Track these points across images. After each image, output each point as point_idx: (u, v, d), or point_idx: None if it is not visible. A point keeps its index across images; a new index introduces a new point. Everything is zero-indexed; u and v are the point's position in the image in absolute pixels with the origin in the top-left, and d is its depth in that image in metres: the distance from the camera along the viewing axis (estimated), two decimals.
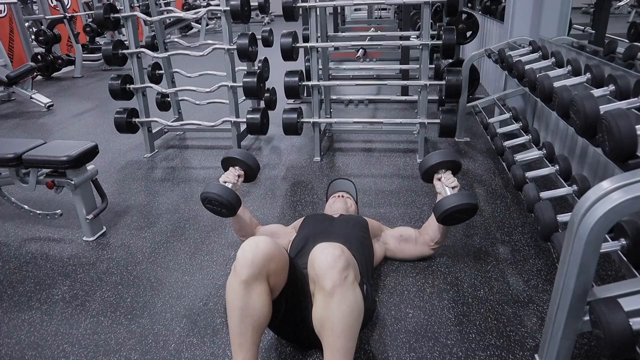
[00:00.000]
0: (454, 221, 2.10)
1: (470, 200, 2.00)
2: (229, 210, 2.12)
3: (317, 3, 3.39)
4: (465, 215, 2.04)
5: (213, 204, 2.11)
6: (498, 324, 1.86)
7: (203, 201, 2.14)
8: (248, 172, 2.34)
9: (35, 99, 5.66)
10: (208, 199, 2.09)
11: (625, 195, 1.17)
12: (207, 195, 2.08)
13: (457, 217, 2.04)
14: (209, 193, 2.08)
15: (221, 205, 2.10)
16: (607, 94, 1.88)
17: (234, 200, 2.10)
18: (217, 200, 2.07)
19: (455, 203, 1.99)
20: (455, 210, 1.99)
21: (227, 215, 2.16)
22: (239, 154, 2.35)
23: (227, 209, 2.11)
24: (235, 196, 2.12)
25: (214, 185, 2.12)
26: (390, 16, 10.68)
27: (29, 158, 2.48)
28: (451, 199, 2.01)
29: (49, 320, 2.01)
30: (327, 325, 1.40)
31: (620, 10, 5.93)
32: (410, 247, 2.25)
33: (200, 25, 10.77)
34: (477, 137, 4.01)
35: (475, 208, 2.01)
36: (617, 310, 1.16)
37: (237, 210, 2.15)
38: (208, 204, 2.14)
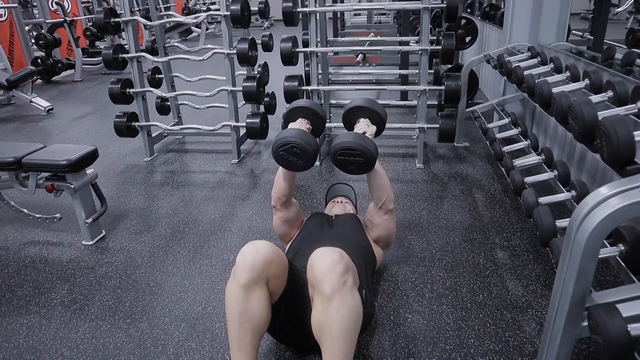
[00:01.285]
0: (351, 166, 1.88)
1: (353, 139, 1.80)
2: (308, 161, 1.86)
3: (316, 8, 3.41)
4: (355, 157, 1.83)
5: (293, 151, 1.82)
6: (497, 329, 1.87)
7: (281, 147, 1.84)
8: (317, 126, 2.07)
9: (35, 103, 5.67)
10: (290, 146, 1.81)
11: (624, 201, 1.18)
12: (291, 140, 1.81)
13: (346, 160, 1.84)
14: (294, 139, 1.80)
15: (303, 155, 1.83)
16: (605, 100, 1.89)
17: (317, 150, 1.86)
18: (303, 147, 1.80)
19: (337, 142, 1.82)
20: (336, 150, 1.81)
21: (302, 167, 1.90)
22: (309, 103, 2.09)
23: (307, 158, 1.84)
24: (318, 145, 1.87)
25: (296, 131, 1.87)
26: (389, 21, 10.70)
27: (29, 162, 2.48)
28: (337, 139, 1.84)
29: (47, 325, 2.01)
30: (326, 330, 1.40)
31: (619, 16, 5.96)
32: (374, 229, 2.11)
33: (200, 30, 10.80)
34: (476, 142, 4.02)
35: (357, 147, 1.80)
36: (616, 315, 1.16)
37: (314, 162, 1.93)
38: (284, 152, 1.84)
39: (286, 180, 2.06)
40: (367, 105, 2.07)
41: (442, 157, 3.74)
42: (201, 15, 4.00)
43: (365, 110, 2.07)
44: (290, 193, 2.11)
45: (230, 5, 3.39)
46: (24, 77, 5.72)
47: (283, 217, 2.16)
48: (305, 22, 4.66)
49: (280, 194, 2.09)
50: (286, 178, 2.05)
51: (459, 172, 3.43)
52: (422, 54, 3.42)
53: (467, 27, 4.90)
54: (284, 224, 2.17)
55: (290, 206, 2.16)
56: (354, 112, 2.08)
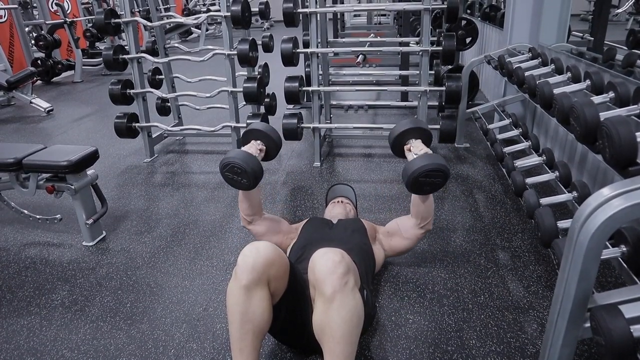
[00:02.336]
0: (426, 187, 1.91)
1: (435, 161, 1.85)
2: (250, 182, 1.95)
3: (317, 9, 3.41)
4: (435, 179, 1.87)
5: (235, 171, 1.92)
6: (498, 330, 1.86)
7: (223, 168, 1.95)
8: (270, 147, 2.16)
9: (35, 104, 5.67)
10: (230, 166, 1.91)
11: (626, 202, 1.17)
12: (230, 161, 1.91)
13: (426, 182, 1.87)
14: (233, 159, 1.90)
15: (244, 175, 1.92)
16: (606, 101, 1.89)
17: (258, 170, 1.95)
18: (242, 167, 1.90)
19: (418, 165, 1.84)
20: (420, 174, 1.83)
21: (247, 187, 1.99)
22: (262, 126, 2.17)
23: (249, 179, 1.94)
24: (260, 167, 1.96)
25: (239, 152, 1.96)
26: (389, 22, 10.71)
27: (29, 163, 2.48)
28: (415, 162, 1.87)
29: (48, 326, 2.01)
30: (327, 331, 1.40)
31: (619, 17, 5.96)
32: (398, 240, 2.15)
33: (200, 31, 10.80)
34: (476, 143, 4.02)
35: (444, 169, 1.85)
36: (618, 317, 1.16)
37: (259, 182, 2.00)
38: (228, 172, 1.95)
39: (245, 200, 2.11)
40: (419, 126, 2.09)
41: (443, 158, 3.73)
42: (201, 16, 4.00)
43: (417, 131, 2.08)
44: (253, 212, 2.15)
45: (230, 6, 3.39)
46: (24, 78, 5.72)
47: (256, 233, 2.19)
48: (306, 23, 4.67)
49: (244, 214, 2.16)
50: (244, 199, 2.11)
51: (460, 173, 3.43)
52: (422, 54, 3.42)
53: (468, 28, 4.91)
54: (262, 238, 2.16)
55: (260, 222, 2.19)
56: (405, 134, 2.09)
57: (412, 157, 1.97)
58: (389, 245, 2.18)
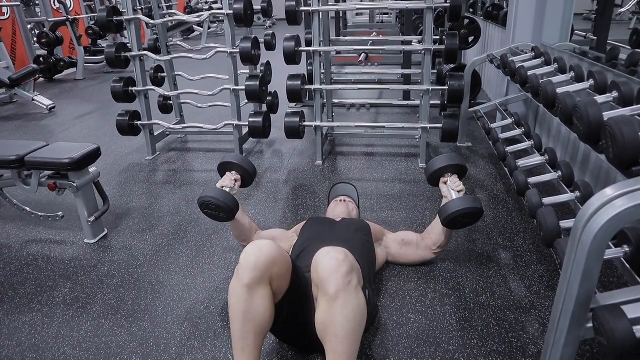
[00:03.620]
0: (458, 225, 2.10)
1: (475, 205, 2.01)
2: (227, 214, 2.10)
3: (319, 7, 3.40)
4: (470, 219, 2.06)
5: (211, 208, 2.08)
6: (500, 330, 1.86)
7: (201, 206, 2.12)
8: (245, 176, 2.31)
9: (37, 101, 5.67)
10: (206, 204, 2.07)
11: (629, 202, 1.17)
12: (205, 199, 2.06)
13: (462, 221, 2.05)
14: (206, 197, 2.06)
15: (219, 209, 2.07)
16: (610, 100, 1.88)
17: (232, 203, 2.09)
18: (215, 204, 2.05)
19: (461, 207, 2.00)
20: (460, 214, 2.00)
21: (226, 219, 2.14)
22: (235, 158, 2.33)
23: (225, 212, 2.09)
24: (233, 200, 2.10)
25: (211, 189, 2.11)
26: (391, 20, 10.70)
27: (32, 160, 2.48)
28: (457, 203, 2.03)
29: (49, 323, 2.01)
30: (330, 330, 1.39)
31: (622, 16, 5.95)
32: (411, 252, 2.24)
33: (202, 29, 10.79)
34: (479, 142, 4.02)
35: (481, 212, 2.03)
36: (621, 317, 1.16)
37: (236, 214, 2.14)
38: (206, 209, 2.12)
39: (234, 228, 2.25)
40: (457, 163, 2.20)
41: None
42: (204, 14, 3.99)
43: (456, 167, 2.20)
44: (246, 237, 2.25)
45: (233, 4, 3.38)
46: (27, 75, 5.72)
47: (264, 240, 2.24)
48: (308, 22, 4.66)
49: (238, 241, 2.33)
50: (233, 227, 2.25)
51: None
52: (425, 53, 3.41)
53: (470, 27, 4.90)
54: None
55: (258, 236, 2.29)
56: (444, 169, 2.20)
57: (450, 192, 2.13)
58: (398, 252, 2.24)
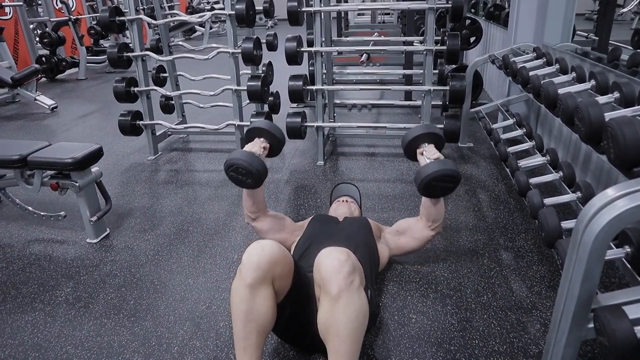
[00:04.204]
0: (436, 191, 1.97)
1: (448, 167, 1.90)
2: (255, 180, 1.97)
3: (321, 8, 3.41)
4: (447, 183, 1.93)
5: (239, 171, 1.95)
6: (501, 330, 1.86)
7: (228, 169, 1.97)
8: (274, 145, 2.18)
9: (39, 101, 5.69)
10: (234, 166, 1.94)
11: (630, 203, 1.17)
12: (235, 162, 1.93)
13: (437, 185, 1.93)
14: (237, 160, 1.93)
15: (248, 175, 1.94)
16: (611, 101, 1.88)
17: (262, 170, 1.97)
18: (246, 168, 1.92)
19: (432, 170, 1.89)
20: (433, 178, 1.89)
21: (252, 185, 2.01)
22: (266, 124, 2.18)
23: (253, 178, 1.96)
24: (264, 166, 1.98)
25: (241, 152, 1.98)
26: (393, 21, 10.69)
27: (34, 160, 2.49)
28: (429, 167, 1.92)
29: (52, 322, 2.02)
30: (332, 330, 1.40)
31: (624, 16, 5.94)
32: (407, 240, 2.18)
33: (204, 29, 10.81)
34: (480, 142, 4.02)
35: (456, 174, 1.91)
36: (622, 317, 1.16)
37: (264, 181, 2.02)
38: (232, 172, 1.97)
39: (249, 198, 2.13)
40: (432, 132, 2.13)
41: (446, 157, 3.70)
42: (206, 15, 4.00)
43: (430, 136, 2.13)
44: (257, 209, 2.16)
45: (235, 5, 3.39)
46: (29, 75, 5.73)
47: (260, 230, 2.20)
48: (310, 22, 4.67)
49: (248, 211, 2.18)
50: (248, 196, 2.12)
51: (463, 172, 3.42)
52: (426, 54, 3.41)
53: (472, 27, 4.90)
54: (266, 235, 2.18)
55: (264, 219, 2.20)
56: (418, 139, 2.13)
57: (425, 161, 2.02)
58: (396, 243, 2.19)
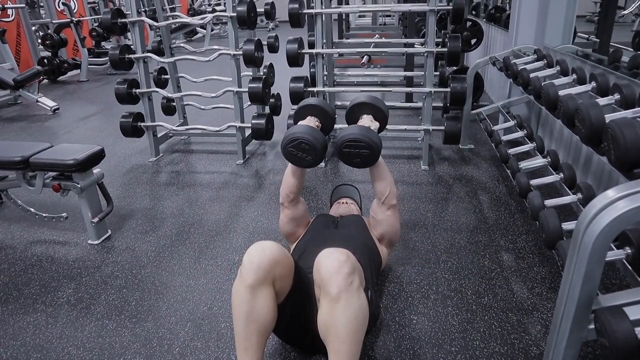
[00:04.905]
0: (356, 159, 1.88)
1: (355, 131, 1.82)
2: (315, 157, 1.87)
3: (322, 10, 3.41)
4: (360, 150, 1.83)
5: (301, 147, 1.84)
6: (502, 331, 1.87)
7: (289, 143, 1.86)
8: (326, 124, 2.09)
9: (41, 103, 5.70)
10: (298, 141, 1.83)
11: (631, 204, 1.18)
12: (298, 135, 1.82)
13: (352, 153, 1.85)
14: (301, 134, 1.82)
15: (311, 150, 1.84)
16: (612, 102, 1.89)
17: (325, 145, 1.87)
18: (309, 142, 1.82)
19: (341, 134, 1.83)
20: (341, 144, 1.82)
21: (311, 163, 1.91)
22: (319, 102, 2.09)
23: (315, 154, 1.85)
24: (326, 141, 1.88)
25: (305, 127, 1.89)
26: (394, 23, 10.70)
27: (37, 161, 2.50)
28: (341, 133, 1.86)
29: (54, 323, 2.02)
30: (332, 331, 1.40)
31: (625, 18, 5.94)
32: (378, 226, 2.10)
33: (205, 31, 10.83)
34: (481, 144, 4.02)
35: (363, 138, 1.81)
36: (623, 319, 1.16)
37: (323, 159, 1.93)
38: (292, 148, 1.86)
39: (295, 176, 2.04)
40: (370, 102, 2.08)
41: (447, 159, 3.74)
42: (207, 17, 4.02)
43: (369, 106, 2.08)
44: (298, 190, 2.10)
45: (236, 7, 3.40)
46: (31, 77, 5.75)
47: (290, 214, 2.15)
48: (311, 24, 4.67)
49: (288, 191, 2.08)
50: (295, 175, 2.04)
51: (464, 174, 3.43)
52: (427, 56, 3.42)
53: (473, 29, 4.91)
54: (290, 222, 2.16)
55: (298, 204, 2.15)
56: (358, 109, 2.09)
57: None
58: (375, 235, 2.12)
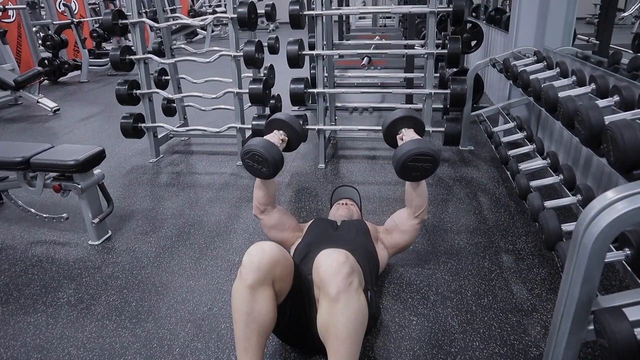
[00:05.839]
0: (415, 173, 1.92)
1: (422, 145, 1.86)
2: (270, 170, 1.96)
3: (323, 11, 3.42)
4: (424, 164, 1.87)
5: (255, 159, 1.94)
6: (502, 332, 1.87)
7: (244, 155, 1.96)
8: (292, 138, 2.17)
9: (41, 103, 5.70)
10: (252, 153, 1.93)
11: (630, 205, 1.18)
12: (253, 149, 1.92)
13: (415, 166, 1.88)
14: (255, 147, 1.91)
15: (265, 163, 1.93)
16: (611, 104, 1.90)
17: (279, 160, 1.96)
18: (262, 155, 1.91)
19: (407, 149, 1.86)
20: (408, 157, 1.85)
21: (267, 175, 2.00)
22: (286, 116, 2.17)
23: (269, 167, 1.94)
24: (281, 157, 1.97)
25: (260, 140, 1.97)
26: (394, 24, 10.72)
27: (37, 162, 2.50)
28: (404, 147, 1.89)
29: (54, 324, 2.02)
30: (331, 331, 1.40)
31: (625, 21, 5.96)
32: (398, 235, 2.12)
33: (206, 32, 10.84)
34: (481, 146, 4.03)
35: (432, 153, 1.86)
36: (622, 319, 1.17)
37: (279, 171, 2.01)
38: (249, 159, 1.96)
39: (260, 189, 2.12)
40: (411, 115, 2.12)
41: (447, 160, 3.75)
42: (208, 18, 4.03)
43: (410, 120, 2.11)
44: (267, 202, 2.16)
45: (237, 8, 3.41)
46: (31, 77, 5.75)
47: (267, 223, 2.20)
48: (311, 25, 4.68)
49: (257, 203, 2.16)
50: (260, 187, 2.11)
51: (464, 175, 3.43)
52: (427, 57, 3.43)
53: (473, 31, 4.92)
54: (271, 230, 2.20)
55: (272, 213, 2.19)
56: (400, 123, 2.12)
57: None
58: (389, 242, 2.16)
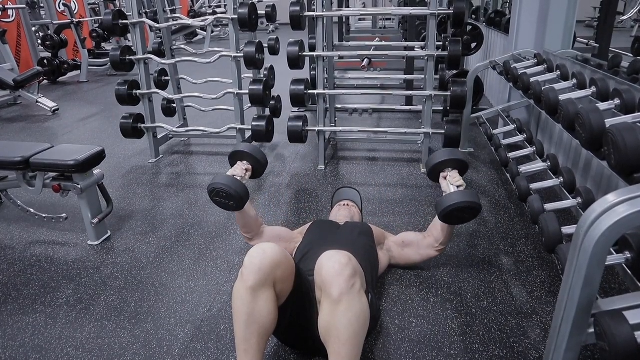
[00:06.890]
0: (456, 220, 2.04)
1: (472, 199, 1.95)
2: (237, 203, 2.06)
3: (323, 13, 3.42)
4: (467, 214, 1.99)
5: (221, 195, 2.04)
6: (502, 335, 1.87)
7: (210, 193, 2.06)
8: (256, 166, 2.27)
9: (41, 103, 5.70)
10: (216, 191, 2.03)
11: (631, 208, 1.18)
12: (215, 186, 2.02)
13: (458, 216, 1.99)
14: (217, 184, 2.02)
15: (229, 197, 2.03)
16: (612, 107, 1.90)
17: (242, 192, 2.05)
18: (226, 191, 2.01)
19: (456, 200, 1.94)
20: (456, 208, 1.94)
21: (235, 208, 2.09)
22: (247, 147, 2.27)
23: (235, 201, 2.04)
24: (244, 188, 2.06)
25: (222, 177, 2.07)
26: (394, 26, 10.74)
27: (37, 162, 2.50)
28: (453, 197, 1.97)
29: (53, 324, 2.02)
30: (333, 333, 1.40)
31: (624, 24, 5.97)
32: (412, 252, 2.22)
33: (206, 33, 10.84)
34: (481, 148, 4.03)
35: (478, 207, 1.96)
36: (623, 323, 1.17)
37: (246, 203, 2.09)
38: (215, 197, 2.06)
39: (240, 219, 2.19)
40: (457, 158, 2.18)
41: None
42: (209, 19, 4.03)
43: (456, 162, 2.18)
44: (250, 229, 2.22)
45: (237, 9, 3.41)
46: (31, 77, 5.75)
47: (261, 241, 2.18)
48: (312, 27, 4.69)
49: (244, 231, 2.24)
50: (239, 218, 2.18)
51: (464, 177, 3.42)
52: (428, 59, 3.43)
53: (473, 33, 4.92)
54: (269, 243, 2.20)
55: (261, 236, 2.25)
56: (444, 164, 2.19)
57: (448, 186, 2.09)
58: (400, 254, 2.23)
